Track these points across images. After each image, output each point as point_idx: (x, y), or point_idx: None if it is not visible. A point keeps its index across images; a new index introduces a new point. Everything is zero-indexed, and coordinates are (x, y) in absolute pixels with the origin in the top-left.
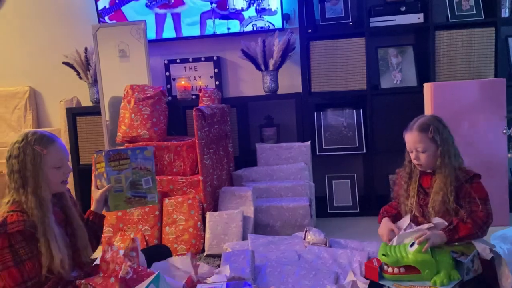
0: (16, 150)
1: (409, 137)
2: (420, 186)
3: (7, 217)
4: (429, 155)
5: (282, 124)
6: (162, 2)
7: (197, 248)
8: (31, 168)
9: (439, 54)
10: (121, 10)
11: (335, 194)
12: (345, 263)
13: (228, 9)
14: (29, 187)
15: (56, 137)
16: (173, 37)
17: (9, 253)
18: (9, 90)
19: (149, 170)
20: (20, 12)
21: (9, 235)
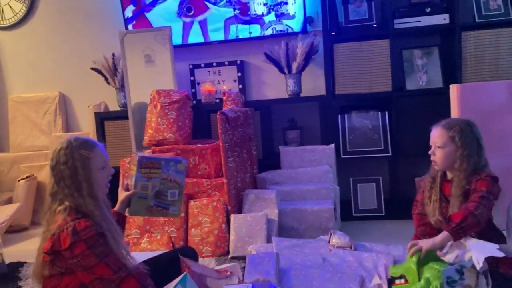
0: (64, 157)
1: (433, 132)
2: (442, 193)
3: (75, 225)
4: (445, 153)
5: (305, 126)
6: (184, 13)
7: (222, 250)
8: (83, 172)
9: (466, 55)
10: (145, 16)
11: (360, 197)
12: (371, 266)
13: (249, 15)
14: (84, 191)
15: (96, 141)
16: (197, 42)
17: (91, 253)
18: (40, 96)
19: (178, 184)
20: (49, 21)
21: (84, 240)
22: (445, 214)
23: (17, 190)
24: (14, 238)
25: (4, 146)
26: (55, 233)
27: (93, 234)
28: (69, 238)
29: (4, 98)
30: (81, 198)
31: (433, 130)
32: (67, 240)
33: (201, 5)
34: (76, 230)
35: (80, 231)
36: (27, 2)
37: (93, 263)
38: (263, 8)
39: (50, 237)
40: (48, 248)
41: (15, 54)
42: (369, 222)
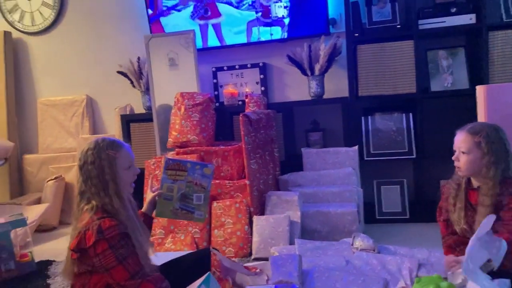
0: (91, 157)
1: (457, 136)
2: (468, 201)
3: (100, 224)
4: (470, 159)
5: (328, 128)
6: (201, 14)
7: (244, 251)
8: (109, 172)
9: (493, 55)
10: (159, 21)
11: (384, 200)
12: (394, 269)
13: (271, 17)
14: (110, 190)
15: (123, 142)
16: (220, 46)
17: (112, 253)
18: (68, 99)
19: (204, 188)
20: (77, 26)
21: (107, 239)
22: (471, 223)
23: (45, 190)
24: (43, 237)
25: (33, 148)
26: (81, 231)
27: (116, 234)
28: (94, 236)
29: (33, 101)
30: (107, 197)
31: (458, 135)
32: (91, 238)
33: (215, 10)
34: (101, 228)
35: (104, 229)
36: (56, 8)
37: (112, 264)
38: (283, 11)
39: (77, 235)
40: (75, 246)
41: (44, 58)
42: (393, 225)
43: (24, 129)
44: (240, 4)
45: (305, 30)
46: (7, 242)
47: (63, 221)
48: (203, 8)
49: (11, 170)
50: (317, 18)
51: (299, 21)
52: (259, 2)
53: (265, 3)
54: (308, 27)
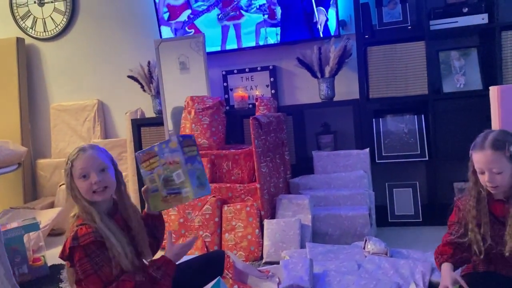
0: (64, 165)
1: (481, 157)
2: (491, 214)
3: (77, 231)
4: (505, 176)
5: (339, 131)
6: (230, 15)
7: (255, 255)
8: (67, 180)
9: (507, 56)
10: (194, 24)
11: (396, 203)
12: (407, 274)
13: (276, 19)
14: (74, 197)
15: (90, 148)
16: (229, 49)
17: (88, 262)
18: (80, 104)
19: (178, 163)
20: (88, 32)
21: (83, 247)
22: (498, 238)
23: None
24: (56, 241)
25: (46, 153)
26: (65, 240)
27: (91, 241)
28: (69, 243)
29: (46, 106)
30: (78, 205)
31: (479, 155)
32: (67, 246)
33: (239, 12)
34: (76, 235)
35: (80, 236)
36: (67, 14)
37: (88, 272)
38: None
39: (64, 243)
40: (60, 255)
41: (56, 64)
42: (405, 228)
43: (37, 134)
44: (249, 7)
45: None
46: (20, 246)
47: None
48: (233, 10)
49: (24, 175)
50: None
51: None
52: (266, 5)
53: (272, 6)
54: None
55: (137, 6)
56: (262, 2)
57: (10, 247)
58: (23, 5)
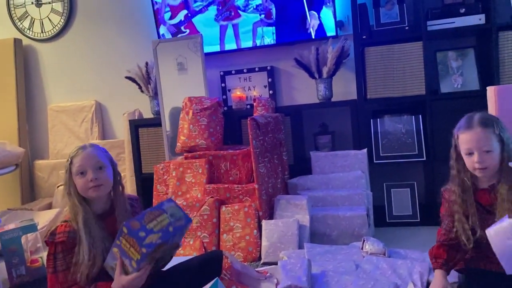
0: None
1: (470, 135)
2: (478, 204)
3: (57, 227)
4: (494, 156)
5: (337, 131)
6: (226, 15)
7: (253, 255)
8: (66, 176)
9: (504, 56)
10: (192, 22)
11: (394, 203)
12: (405, 274)
13: (272, 18)
14: (71, 196)
15: (90, 146)
16: (227, 50)
17: (51, 260)
18: (78, 105)
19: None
20: (86, 33)
21: (55, 243)
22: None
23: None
24: None
25: (44, 154)
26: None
27: (62, 241)
28: (47, 237)
29: (44, 107)
30: (70, 200)
31: (468, 134)
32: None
33: (236, 12)
34: (55, 231)
35: (57, 233)
36: (65, 15)
37: (49, 270)
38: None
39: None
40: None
41: (54, 65)
42: (403, 229)
43: (35, 135)
44: (246, 7)
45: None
46: (18, 247)
47: None
48: (228, 10)
49: (22, 176)
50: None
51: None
52: (262, 5)
53: (268, 6)
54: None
55: (135, 7)
56: (258, 2)
57: (8, 249)
58: (20, 6)
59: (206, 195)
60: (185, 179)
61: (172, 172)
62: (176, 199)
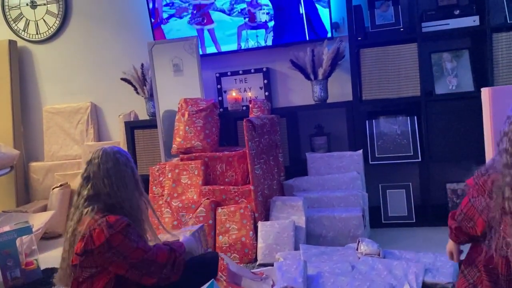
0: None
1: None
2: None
3: (107, 220)
4: None
5: (332, 133)
6: (197, 21)
7: (249, 257)
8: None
9: (498, 57)
10: (161, 28)
11: (390, 204)
12: (401, 274)
13: (256, 22)
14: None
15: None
16: (223, 51)
17: (129, 241)
18: (73, 106)
19: None
20: (81, 34)
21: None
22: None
23: (51, 198)
24: (48, 244)
25: (39, 156)
26: (85, 233)
27: (124, 225)
28: (105, 232)
29: (39, 109)
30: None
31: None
32: (102, 235)
33: (209, 18)
34: (109, 223)
35: (113, 223)
36: (60, 16)
37: (131, 250)
38: (266, 17)
39: (81, 238)
40: (81, 249)
41: (49, 66)
42: (399, 229)
43: (30, 137)
44: (231, 11)
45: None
46: (12, 250)
47: None
48: (200, 16)
49: (17, 178)
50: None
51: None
52: (246, 9)
53: (252, 10)
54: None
55: (130, 8)
56: (243, 6)
57: (2, 251)
58: (15, 8)
59: (202, 197)
60: (181, 180)
61: (168, 173)
62: (172, 200)
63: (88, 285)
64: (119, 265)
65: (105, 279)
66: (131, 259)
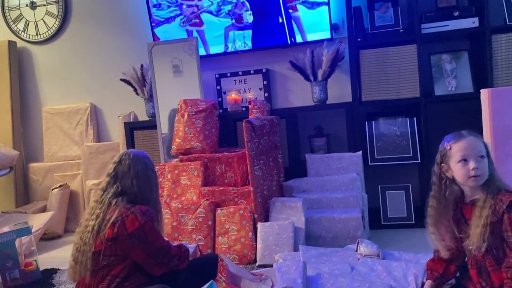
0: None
1: (465, 143)
2: (462, 216)
3: (140, 209)
4: (486, 163)
5: (332, 134)
6: (192, 22)
7: (249, 258)
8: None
9: (497, 59)
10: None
11: (389, 205)
12: (400, 276)
13: (243, 23)
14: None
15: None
16: (223, 52)
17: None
18: (72, 107)
19: None
20: (81, 35)
21: (151, 219)
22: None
23: (50, 198)
24: (48, 245)
25: (38, 156)
26: (116, 220)
27: (153, 215)
28: (139, 219)
29: (38, 110)
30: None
31: (464, 142)
32: (136, 222)
33: (200, 20)
34: (143, 211)
35: (146, 212)
36: (60, 17)
37: (156, 237)
38: (251, 18)
39: (111, 225)
40: (113, 234)
41: (48, 67)
42: (398, 231)
43: (29, 137)
44: (219, 12)
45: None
46: (12, 250)
47: (68, 229)
48: (193, 18)
49: (16, 179)
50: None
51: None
52: (233, 10)
53: (238, 11)
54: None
55: (130, 9)
56: (230, 8)
57: (1, 252)
58: (15, 8)
59: (202, 198)
60: (181, 181)
61: (167, 174)
62: (171, 201)
63: (104, 272)
64: (140, 251)
65: (121, 266)
66: (154, 245)
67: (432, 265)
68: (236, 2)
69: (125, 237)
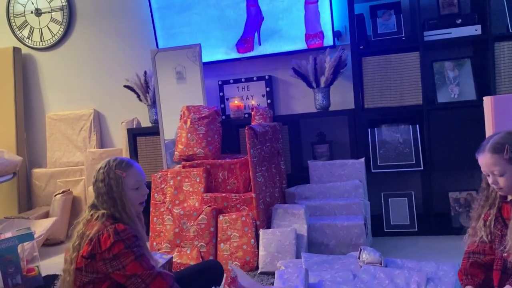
0: (101, 175)
1: (482, 160)
2: (500, 215)
3: (116, 227)
4: (508, 178)
5: (334, 141)
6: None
7: (251, 265)
8: (116, 190)
9: (500, 66)
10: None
11: (392, 213)
12: (402, 283)
13: None
14: (119, 206)
15: (134, 162)
16: (225, 59)
17: (129, 251)
18: (76, 113)
19: None
20: (85, 42)
21: (123, 240)
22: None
23: (53, 204)
24: (50, 251)
25: (42, 162)
26: (93, 237)
27: (131, 235)
28: (111, 238)
29: (42, 116)
30: (117, 212)
31: (481, 158)
32: (108, 241)
33: None
34: (117, 230)
35: (120, 231)
36: (64, 24)
37: (130, 260)
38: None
39: (88, 241)
40: (88, 252)
41: (52, 73)
42: (401, 238)
43: (33, 143)
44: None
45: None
46: (14, 256)
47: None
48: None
49: (19, 184)
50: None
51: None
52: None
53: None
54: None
55: (134, 16)
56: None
57: (4, 257)
58: (20, 15)
59: (204, 204)
60: (183, 187)
61: (170, 181)
62: (174, 208)
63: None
64: (117, 273)
65: (106, 284)
66: (127, 271)
67: (470, 270)
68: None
69: (97, 258)
